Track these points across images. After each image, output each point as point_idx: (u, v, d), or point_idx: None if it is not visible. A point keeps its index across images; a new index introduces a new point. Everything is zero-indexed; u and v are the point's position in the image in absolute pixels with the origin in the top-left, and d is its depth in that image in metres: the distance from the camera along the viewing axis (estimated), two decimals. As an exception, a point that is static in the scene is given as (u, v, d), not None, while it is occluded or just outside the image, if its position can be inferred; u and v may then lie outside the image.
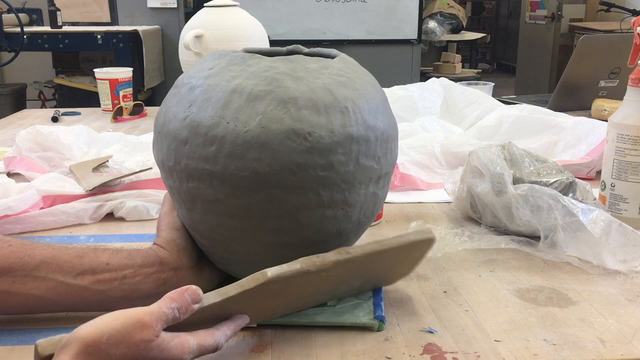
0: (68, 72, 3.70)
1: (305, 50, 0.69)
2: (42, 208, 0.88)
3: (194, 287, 0.50)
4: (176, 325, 0.48)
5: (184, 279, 0.62)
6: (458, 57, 4.96)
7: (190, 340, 0.48)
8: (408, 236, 0.58)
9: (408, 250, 0.60)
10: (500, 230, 0.84)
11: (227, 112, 0.55)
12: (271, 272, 0.51)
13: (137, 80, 2.80)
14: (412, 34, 4.10)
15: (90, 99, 2.97)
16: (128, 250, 0.62)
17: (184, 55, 1.54)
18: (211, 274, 0.65)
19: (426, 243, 0.60)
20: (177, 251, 0.62)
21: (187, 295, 0.49)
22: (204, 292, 0.51)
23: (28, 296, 0.58)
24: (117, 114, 1.62)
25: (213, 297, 0.51)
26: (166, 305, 0.48)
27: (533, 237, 0.80)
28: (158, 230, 0.65)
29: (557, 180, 0.82)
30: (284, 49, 0.70)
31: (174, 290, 0.50)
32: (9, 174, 1.08)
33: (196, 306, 0.49)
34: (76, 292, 0.59)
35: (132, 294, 0.60)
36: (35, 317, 0.62)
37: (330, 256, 0.54)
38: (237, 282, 0.52)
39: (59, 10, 3.44)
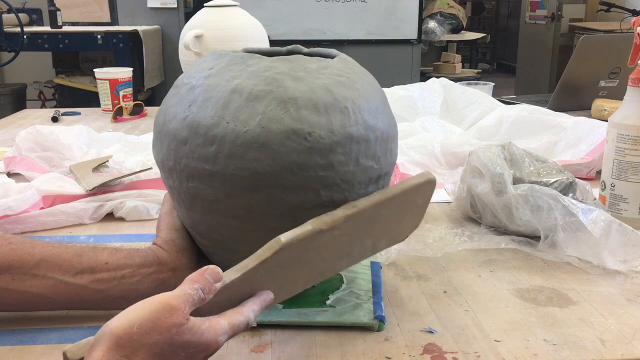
0: (68, 72, 3.70)
1: (305, 50, 0.69)
2: (42, 208, 0.88)
3: (212, 266, 0.49)
4: (203, 311, 0.48)
5: (182, 279, 0.62)
6: (458, 57, 4.96)
7: (221, 321, 0.48)
8: (409, 181, 0.58)
9: (412, 196, 0.60)
10: (500, 230, 0.84)
11: (227, 112, 0.55)
12: (284, 237, 0.51)
13: (137, 80, 2.80)
14: (412, 34, 4.10)
15: (90, 99, 2.97)
16: (127, 250, 0.62)
17: (184, 55, 1.54)
18: None
19: (427, 186, 0.60)
20: (176, 252, 0.62)
21: (207, 275, 0.48)
22: None
23: (27, 294, 0.58)
24: (117, 114, 1.62)
25: (233, 273, 0.50)
26: (189, 287, 0.47)
27: (533, 237, 0.80)
28: (157, 230, 0.65)
29: (557, 180, 0.82)
30: (284, 49, 0.70)
31: (193, 273, 0.49)
32: (9, 174, 1.08)
33: (218, 285, 0.48)
34: (75, 290, 0.59)
35: (131, 293, 0.60)
36: (34, 317, 0.62)
37: (339, 212, 0.54)
38: (253, 254, 0.51)
39: (59, 10, 3.44)
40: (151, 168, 0.99)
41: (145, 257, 0.61)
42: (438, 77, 1.46)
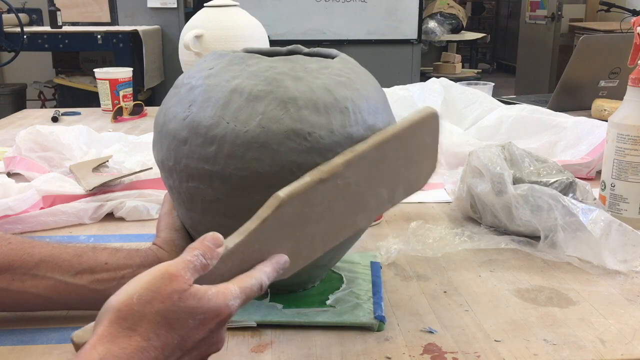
0: (68, 72, 3.70)
1: (305, 50, 0.69)
2: (42, 208, 0.88)
3: (211, 232, 0.47)
4: (213, 281, 0.46)
5: None
6: (458, 57, 4.96)
7: (230, 286, 0.46)
8: (408, 117, 0.56)
9: (416, 134, 0.57)
10: (500, 230, 0.84)
11: (227, 112, 0.55)
12: (283, 191, 0.49)
13: (137, 80, 2.80)
14: (412, 34, 4.10)
15: (90, 99, 2.97)
16: (127, 250, 0.62)
17: (184, 55, 1.54)
18: None
19: (431, 121, 0.57)
20: (176, 252, 0.62)
21: (206, 242, 0.46)
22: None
23: (26, 294, 0.58)
24: (117, 114, 1.62)
25: (235, 237, 0.48)
26: (189, 253, 0.45)
27: (533, 237, 0.80)
28: (157, 230, 0.65)
29: (557, 180, 0.82)
30: (284, 49, 0.70)
31: (193, 242, 0.47)
32: (9, 174, 1.08)
33: (220, 249, 0.47)
34: (74, 291, 0.59)
35: None
36: (34, 317, 0.62)
37: (337, 159, 0.52)
38: (254, 215, 0.49)
39: (59, 10, 3.44)
40: (151, 168, 0.99)
41: (145, 257, 0.61)
42: (438, 77, 1.46)
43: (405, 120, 0.56)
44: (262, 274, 0.48)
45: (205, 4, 1.57)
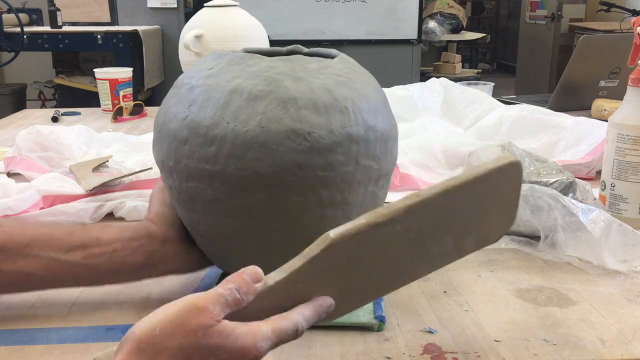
0: (68, 72, 3.70)
1: (305, 50, 0.69)
2: (42, 208, 0.88)
3: (252, 266, 0.45)
4: (248, 318, 0.43)
5: (172, 251, 0.63)
6: (458, 57, 4.96)
7: (263, 325, 0.43)
8: (485, 165, 0.50)
9: (493, 183, 0.51)
10: (500, 230, 0.84)
11: (227, 112, 0.55)
12: (334, 232, 0.45)
13: (137, 80, 2.79)
14: (412, 34, 4.10)
15: (90, 99, 2.97)
16: (118, 225, 0.63)
17: (184, 55, 1.54)
18: (200, 248, 0.65)
19: (511, 170, 0.51)
20: (165, 225, 0.63)
21: (245, 276, 0.44)
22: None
23: (20, 274, 0.59)
24: (117, 114, 1.62)
25: (277, 274, 0.45)
26: (223, 287, 0.43)
27: (533, 237, 0.80)
28: (149, 205, 0.66)
29: (557, 180, 0.82)
30: (284, 49, 0.70)
31: (231, 275, 0.45)
32: (9, 174, 1.08)
33: (258, 285, 0.44)
34: (68, 268, 0.59)
35: (121, 267, 0.60)
36: (34, 317, 0.62)
37: (398, 203, 0.47)
38: (301, 253, 0.46)
39: (59, 10, 3.44)
40: (151, 168, 0.99)
41: (136, 230, 0.62)
42: (438, 77, 1.46)
43: (481, 167, 0.50)
44: (301, 316, 0.45)
45: (205, 4, 1.57)
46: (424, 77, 4.45)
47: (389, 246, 0.48)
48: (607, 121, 0.88)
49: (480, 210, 0.53)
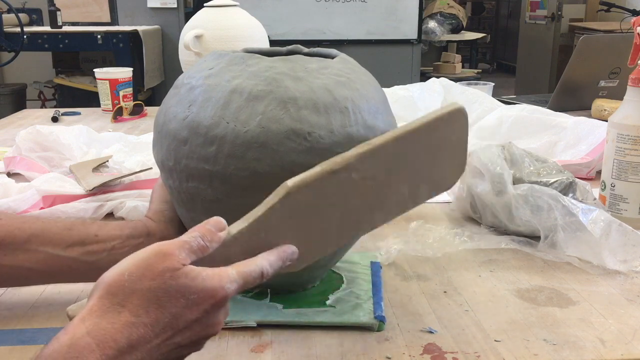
0: (68, 72, 3.70)
1: (305, 50, 0.69)
2: (42, 208, 0.88)
3: (215, 217, 0.47)
4: (213, 264, 0.45)
5: None
6: (458, 57, 4.96)
7: (229, 269, 0.45)
8: (432, 113, 0.52)
9: (440, 130, 0.53)
10: (500, 230, 0.84)
11: (227, 112, 0.55)
12: (291, 181, 0.47)
13: (137, 80, 2.80)
14: (412, 34, 4.10)
15: (90, 99, 2.97)
16: (117, 223, 0.63)
17: (184, 55, 1.54)
18: None
19: (457, 117, 0.53)
20: (164, 222, 0.64)
21: (208, 225, 0.46)
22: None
23: (19, 269, 0.59)
24: (117, 114, 1.62)
25: (240, 223, 0.47)
26: (188, 235, 0.45)
27: (533, 237, 0.80)
28: (150, 203, 0.67)
29: (557, 180, 0.82)
30: (284, 49, 0.70)
31: (196, 225, 0.46)
32: (9, 174, 1.08)
33: (222, 234, 0.46)
34: (66, 263, 0.60)
35: None
36: (34, 317, 0.62)
37: (351, 151, 0.49)
38: (262, 202, 0.48)
39: (59, 10, 3.44)
40: (151, 168, 0.99)
41: (135, 228, 0.63)
42: (438, 77, 1.46)
43: (428, 114, 0.52)
44: (265, 261, 0.47)
45: (205, 4, 1.57)
46: (424, 77, 4.45)
47: (346, 194, 0.50)
48: (607, 121, 0.88)
49: (431, 156, 0.55)
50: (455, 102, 0.54)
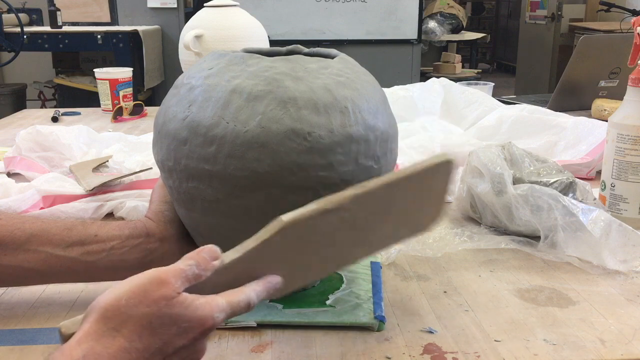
0: (68, 72, 3.70)
1: (305, 50, 0.69)
2: (42, 208, 0.88)
3: (210, 245, 0.48)
4: (204, 292, 0.47)
5: (170, 250, 0.63)
6: (458, 57, 4.96)
7: (218, 298, 0.46)
8: (424, 162, 0.54)
9: (428, 179, 0.55)
10: (500, 230, 0.84)
11: (227, 112, 0.55)
12: (286, 216, 0.48)
13: (137, 80, 2.80)
14: (412, 34, 4.10)
15: (90, 99, 2.97)
16: (117, 223, 0.63)
17: (184, 55, 1.54)
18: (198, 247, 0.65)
19: (445, 168, 0.55)
20: (164, 222, 0.64)
21: (203, 253, 0.47)
22: None
23: (19, 268, 0.59)
24: (117, 114, 1.62)
25: (233, 253, 0.48)
26: (183, 262, 0.46)
27: (533, 237, 0.80)
28: (150, 203, 0.67)
29: (557, 180, 0.82)
30: (284, 49, 0.70)
31: (191, 252, 0.48)
32: (9, 174, 1.08)
33: (216, 263, 0.47)
34: (66, 263, 0.60)
35: (119, 264, 0.61)
36: (34, 317, 0.62)
37: (347, 192, 0.50)
38: (255, 234, 0.49)
39: (59, 10, 3.44)
40: (151, 168, 0.99)
41: (134, 228, 0.63)
42: (438, 77, 1.46)
43: (421, 163, 0.54)
44: (252, 291, 0.48)
45: (205, 4, 1.57)
46: (424, 77, 4.45)
47: (335, 231, 0.52)
48: (607, 121, 0.88)
49: (416, 201, 0.57)
50: (445, 152, 0.56)
